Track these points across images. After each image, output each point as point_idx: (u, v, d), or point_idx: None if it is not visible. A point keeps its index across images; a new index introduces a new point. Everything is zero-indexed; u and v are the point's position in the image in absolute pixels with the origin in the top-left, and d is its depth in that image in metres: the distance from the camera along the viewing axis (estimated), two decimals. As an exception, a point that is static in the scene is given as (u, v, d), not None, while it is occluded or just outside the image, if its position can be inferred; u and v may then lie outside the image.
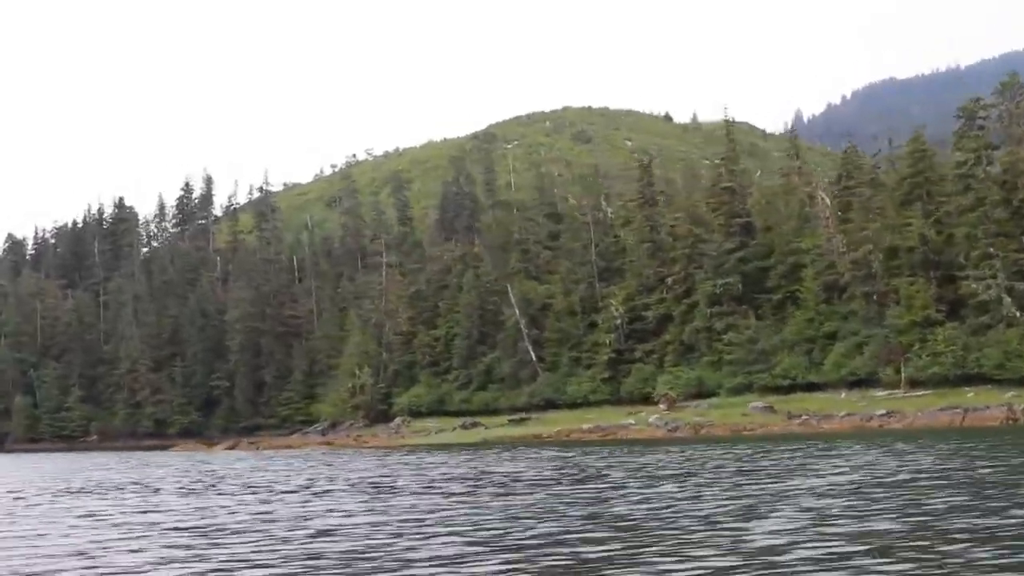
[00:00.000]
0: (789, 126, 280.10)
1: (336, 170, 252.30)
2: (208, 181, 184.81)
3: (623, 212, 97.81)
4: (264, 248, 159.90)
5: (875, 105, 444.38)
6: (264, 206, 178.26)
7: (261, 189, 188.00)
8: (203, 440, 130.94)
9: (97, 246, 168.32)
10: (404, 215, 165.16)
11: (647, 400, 76.12)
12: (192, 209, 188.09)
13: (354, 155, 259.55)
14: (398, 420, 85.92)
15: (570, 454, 41.37)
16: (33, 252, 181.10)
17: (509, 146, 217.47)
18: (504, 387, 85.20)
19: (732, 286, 77.49)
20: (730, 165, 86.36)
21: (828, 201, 76.96)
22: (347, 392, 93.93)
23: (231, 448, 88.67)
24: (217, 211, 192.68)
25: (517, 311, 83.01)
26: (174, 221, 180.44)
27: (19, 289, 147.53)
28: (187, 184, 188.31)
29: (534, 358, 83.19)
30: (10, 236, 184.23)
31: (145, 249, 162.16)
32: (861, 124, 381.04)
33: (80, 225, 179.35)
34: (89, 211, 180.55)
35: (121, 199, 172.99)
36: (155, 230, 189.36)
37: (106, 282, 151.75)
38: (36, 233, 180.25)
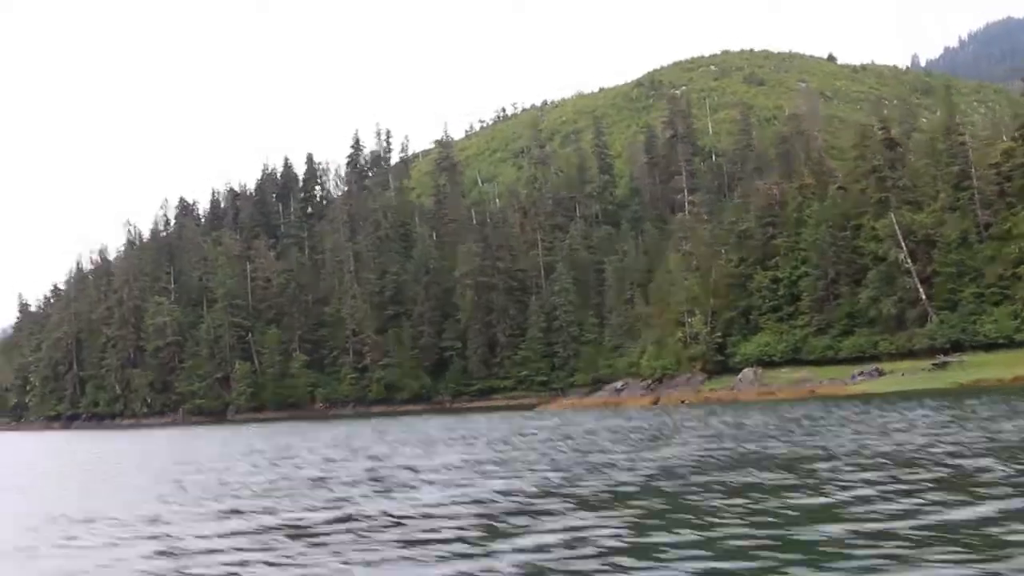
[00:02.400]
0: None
1: (486, 125, 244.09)
2: (386, 135, 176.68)
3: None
4: (452, 202, 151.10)
5: (996, 46, 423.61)
6: (446, 161, 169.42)
7: (438, 142, 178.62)
8: (434, 404, 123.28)
9: (293, 204, 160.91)
10: (604, 162, 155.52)
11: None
12: (363, 166, 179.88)
13: (503, 109, 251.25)
14: (749, 371, 76.35)
15: None
16: (208, 214, 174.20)
17: (678, 91, 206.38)
18: (881, 330, 74.99)
19: None
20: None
21: None
22: (677, 343, 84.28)
23: (532, 407, 79.40)
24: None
25: (904, 244, 72.62)
26: (354, 177, 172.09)
27: (226, 250, 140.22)
28: (356, 141, 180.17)
29: (923, 296, 72.86)
30: (182, 200, 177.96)
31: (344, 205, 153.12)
32: (986, 66, 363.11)
33: (257, 185, 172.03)
34: (266, 171, 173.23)
35: (310, 155, 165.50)
36: (334, 186, 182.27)
37: (309, 240, 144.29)
38: (213, 195, 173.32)
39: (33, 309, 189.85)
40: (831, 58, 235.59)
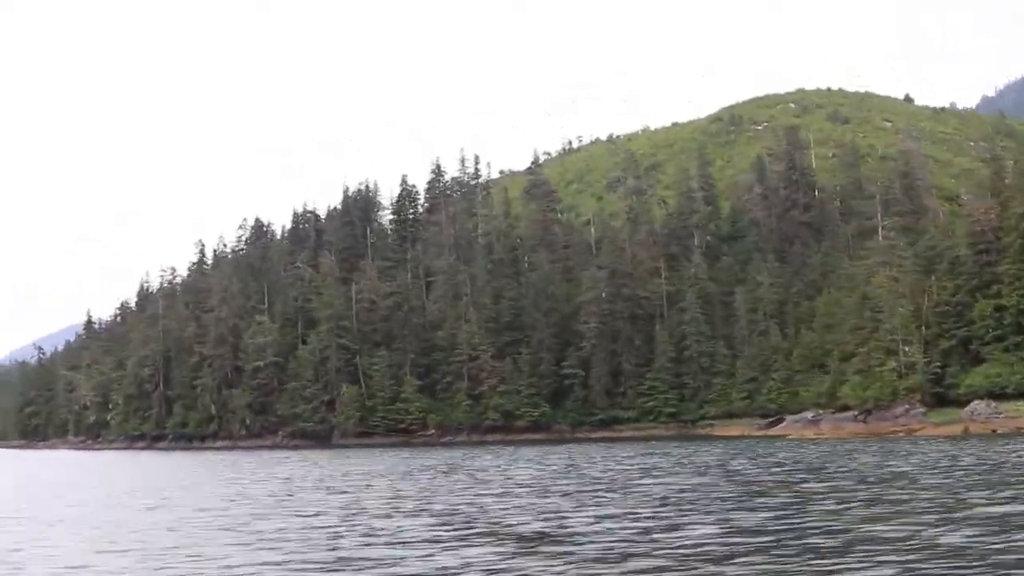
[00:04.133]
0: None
1: (551, 157, 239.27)
2: (475, 160, 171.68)
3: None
4: (553, 227, 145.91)
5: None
6: (540, 187, 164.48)
7: (528, 169, 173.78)
8: (552, 433, 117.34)
9: (373, 227, 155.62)
10: (709, 194, 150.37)
11: None
12: (441, 191, 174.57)
13: (569, 142, 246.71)
14: (980, 404, 70.79)
15: None
16: (288, 235, 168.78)
17: (760, 127, 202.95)
18: None
19: None
20: None
21: None
22: (891, 372, 78.58)
23: (665, 438, 73.67)
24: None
25: None
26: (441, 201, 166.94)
27: (328, 271, 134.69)
28: (437, 167, 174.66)
29: None
30: (257, 220, 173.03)
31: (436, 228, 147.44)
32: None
33: (341, 208, 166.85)
34: (348, 193, 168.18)
35: (404, 177, 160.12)
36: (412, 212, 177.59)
37: (410, 263, 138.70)
38: (297, 213, 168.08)
39: (96, 327, 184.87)
40: (908, 99, 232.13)
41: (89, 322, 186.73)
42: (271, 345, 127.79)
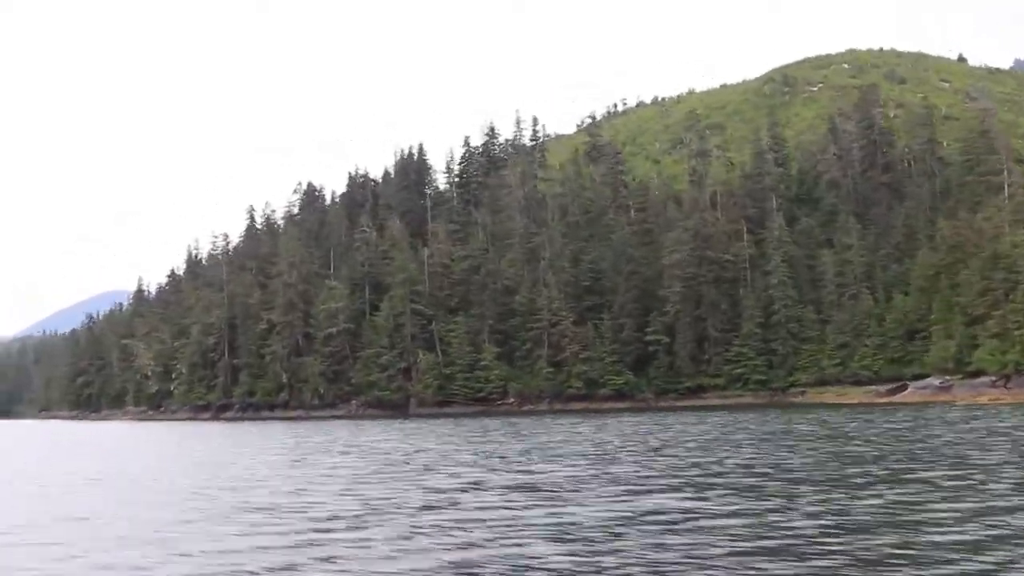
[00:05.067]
0: None
1: (595, 121, 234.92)
2: (533, 121, 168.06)
3: None
4: (621, 188, 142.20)
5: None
6: (603, 148, 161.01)
7: (584, 129, 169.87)
8: (637, 402, 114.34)
9: (455, 190, 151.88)
10: (780, 154, 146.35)
11: None
12: (494, 154, 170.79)
13: (615, 105, 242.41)
14: None
15: None
16: (340, 199, 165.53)
17: (815, 88, 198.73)
18: None
19: None
20: None
21: None
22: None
23: (754, 407, 70.45)
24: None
25: None
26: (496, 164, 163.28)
27: (397, 235, 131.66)
28: (491, 128, 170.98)
29: None
30: (310, 184, 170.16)
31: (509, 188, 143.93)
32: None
33: (395, 170, 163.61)
34: (402, 157, 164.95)
35: (467, 138, 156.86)
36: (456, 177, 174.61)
37: (484, 227, 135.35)
38: (352, 177, 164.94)
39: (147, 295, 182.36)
40: (961, 59, 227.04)
41: (139, 290, 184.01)
42: (343, 311, 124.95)
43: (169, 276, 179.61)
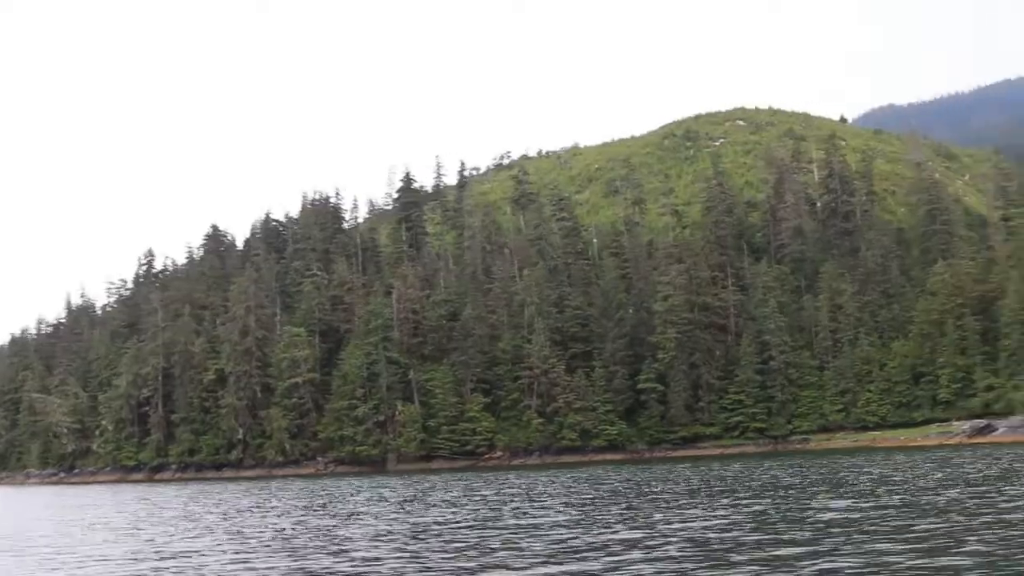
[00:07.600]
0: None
1: (501, 165, 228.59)
2: (459, 165, 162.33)
3: None
4: (563, 237, 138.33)
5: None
6: (527, 196, 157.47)
7: (513, 177, 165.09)
8: (629, 453, 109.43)
9: (404, 234, 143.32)
10: (725, 203, 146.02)
11: None
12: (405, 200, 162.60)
13: (501, 157, 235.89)
14: None
15: None
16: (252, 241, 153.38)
17: (717, 143, 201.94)
18: None
19: None
20: None
21: None
22: None
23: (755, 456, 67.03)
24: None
25: None
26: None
27: (350, 279, 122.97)
28: (407, 175, 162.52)
29: None
30: (267, 216, 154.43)
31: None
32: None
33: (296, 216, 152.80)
34: (317, 199, 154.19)
35: (408, 174, 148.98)
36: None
37: (446, 270, 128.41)
38: (264, 221, 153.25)
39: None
40: (843, 119, 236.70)
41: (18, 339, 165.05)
42: (306, 360, 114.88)
43: (48, 324, 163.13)
